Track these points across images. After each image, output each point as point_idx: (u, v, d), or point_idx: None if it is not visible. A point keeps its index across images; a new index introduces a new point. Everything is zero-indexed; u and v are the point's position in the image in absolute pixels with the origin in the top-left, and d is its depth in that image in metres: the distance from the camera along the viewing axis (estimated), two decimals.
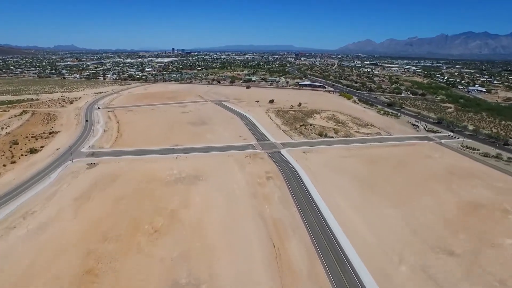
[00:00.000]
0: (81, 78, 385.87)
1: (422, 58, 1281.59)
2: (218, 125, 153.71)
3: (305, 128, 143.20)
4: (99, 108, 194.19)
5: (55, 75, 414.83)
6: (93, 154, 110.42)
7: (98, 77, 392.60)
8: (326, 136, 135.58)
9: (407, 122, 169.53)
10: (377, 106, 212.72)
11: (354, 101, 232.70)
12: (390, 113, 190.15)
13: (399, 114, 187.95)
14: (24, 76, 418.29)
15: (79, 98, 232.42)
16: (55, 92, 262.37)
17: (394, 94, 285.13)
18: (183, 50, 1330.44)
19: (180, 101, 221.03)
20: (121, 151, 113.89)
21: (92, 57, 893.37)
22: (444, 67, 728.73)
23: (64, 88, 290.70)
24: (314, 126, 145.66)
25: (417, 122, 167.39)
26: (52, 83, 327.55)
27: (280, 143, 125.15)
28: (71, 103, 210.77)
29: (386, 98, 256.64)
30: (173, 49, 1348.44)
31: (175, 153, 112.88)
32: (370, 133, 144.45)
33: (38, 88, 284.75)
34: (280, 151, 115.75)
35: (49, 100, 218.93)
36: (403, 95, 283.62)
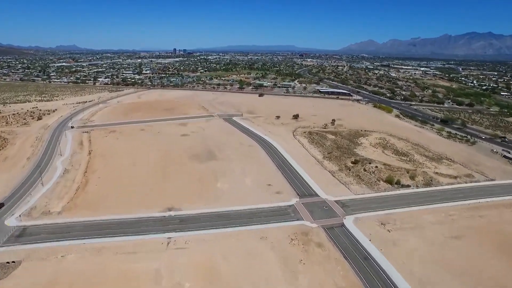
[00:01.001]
0: (68, 83, 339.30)
1: (427, 59, 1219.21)
2: (232, 160, 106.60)
3: (364, 170, 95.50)
4: (72, 127, 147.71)
5: (40, 79, 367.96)
6: (22, 234, 63.77)
7: (88, 81, 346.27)
8: (399, 184, 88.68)
9: (491, 152, 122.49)
10: (432, 124, 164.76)
11: (398, 116, 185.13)
12: (458, 136, 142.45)
13: (471, 137, 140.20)
14: (5, 79, 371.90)
15: (54, 110, 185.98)
16: (29, 102, 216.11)
17: (435, 104, 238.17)
18: (185, 50, 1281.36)
19: (179, 116, 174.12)
20: (76, 224, 67.25)
21: (90, 58, 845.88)
22: (460, 69, 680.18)
23: (43, 95, 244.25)
24: (377, 167, 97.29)
25: (509, 152, 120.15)
26: (32, 89, 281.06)
27: (336, 202, 78.04)
28: (39, 118, 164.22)
29: (432, 110, 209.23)
30: (174, 49, 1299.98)
31: (167, 227, 66.41)
32: (458, 176, 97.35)
33: (10, 96, 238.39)
34: (343, 223, 68.74)
35: (13, 114, 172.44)
36: (446, 105, 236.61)
